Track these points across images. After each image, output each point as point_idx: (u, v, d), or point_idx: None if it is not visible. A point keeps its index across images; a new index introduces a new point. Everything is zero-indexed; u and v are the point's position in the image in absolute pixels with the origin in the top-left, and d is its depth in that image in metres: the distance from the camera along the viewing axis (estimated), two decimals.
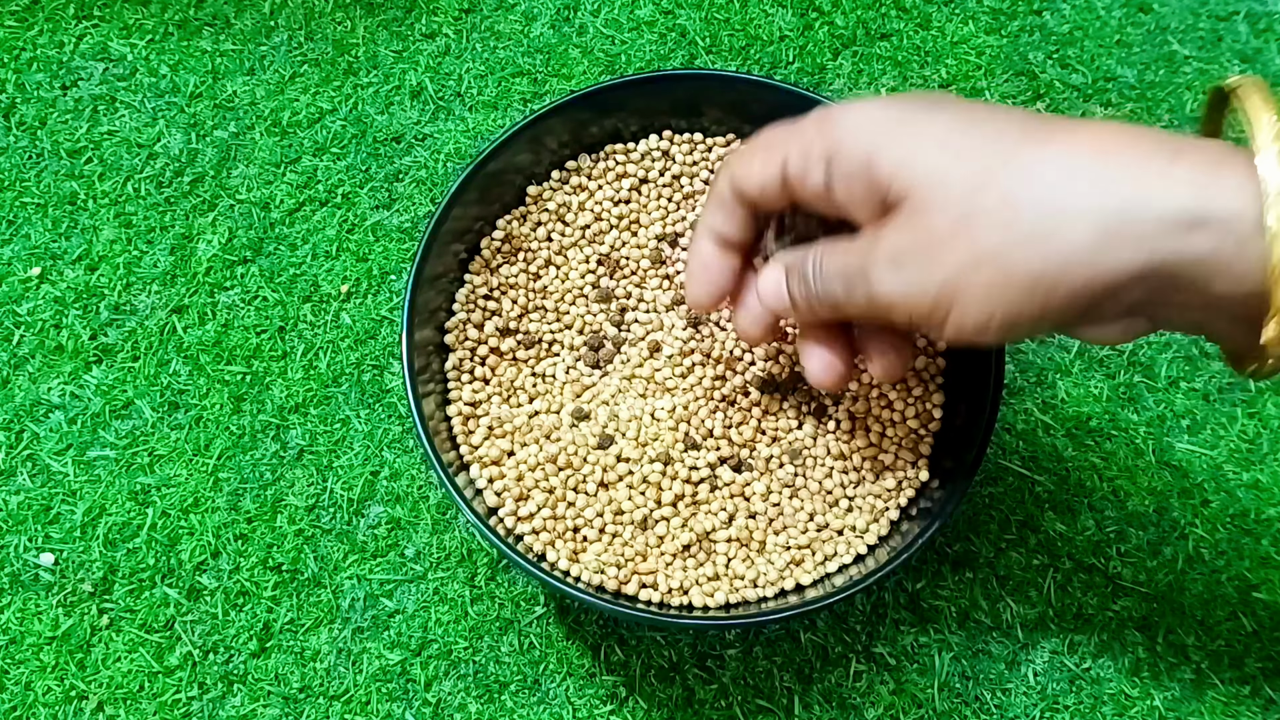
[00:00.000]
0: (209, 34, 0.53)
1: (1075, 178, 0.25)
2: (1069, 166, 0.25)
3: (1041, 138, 0.26)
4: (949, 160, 0.27)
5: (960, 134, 0.27)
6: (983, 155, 0.26)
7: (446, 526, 0.45)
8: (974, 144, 0.27)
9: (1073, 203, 0.25)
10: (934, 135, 0.27)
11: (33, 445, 0.46)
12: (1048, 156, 0.26)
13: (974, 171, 0.26)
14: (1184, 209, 0.24)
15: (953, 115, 0.28)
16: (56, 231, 0.49)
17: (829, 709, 0.42)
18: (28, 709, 0.42)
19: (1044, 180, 0.25)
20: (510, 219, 0.44)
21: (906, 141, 0.28)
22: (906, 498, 0.41)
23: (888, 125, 0.28)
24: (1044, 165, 0.26)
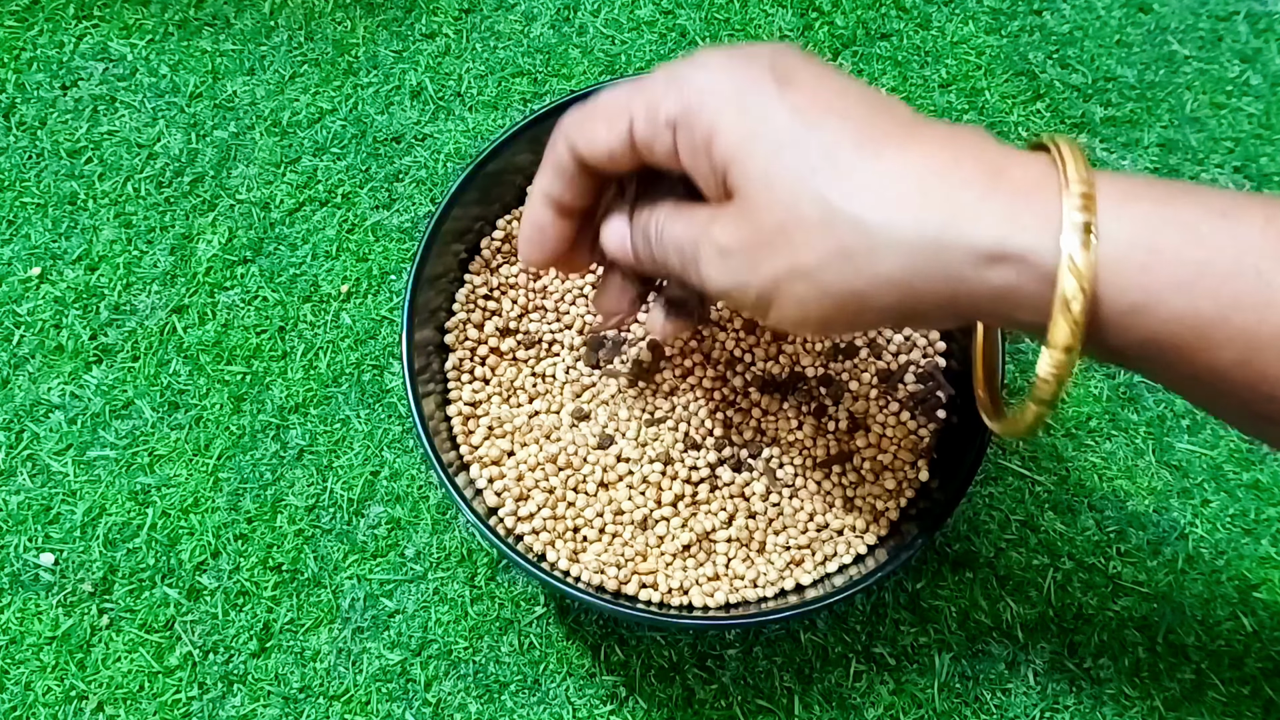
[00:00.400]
0: (209, 34, 0.53)
1: (893, 202, 0.25)
2: (890, 189, 0.25)
3: (873, 150, 0.26)
4: (779, 163, 0.26)
5: (798, 130, 0.27)
6: (813, 161, 0.26)
7: (446, 526, 0.45)
8: (808, 146, 0.26)
9: (887, 230, 0.25)
10: (772, 128, 0.27)
11: (33, 445, 0.46)
12: (874, 172, 0.26)
13: (801, 177, 0.26)
14: (989, 242, 0.24)
15: (794, 105, 0.27)
16: (56, 231, 0.49)
17: (829, 709, 0.42)
18: (28, 709, 0.42)
19: (863, 201, 0.25)
20: (510, 219, 0.44)
21: (744, 129, 0.27)
22: (906, 498, 0.41)
23: (731, 102, 0.27)
24: (867, 182, 0.26)
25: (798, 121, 0.27)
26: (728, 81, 0.28)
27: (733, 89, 0.27)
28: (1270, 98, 0.52)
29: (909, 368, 0.42)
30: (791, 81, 0.27)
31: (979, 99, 0.53)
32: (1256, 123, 0.52)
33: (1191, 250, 0.24)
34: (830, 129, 0.26)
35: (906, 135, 0.26)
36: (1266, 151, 0.51)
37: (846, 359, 0.43)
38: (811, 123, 0.27)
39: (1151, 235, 0.24)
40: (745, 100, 0.27)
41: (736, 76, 0.28)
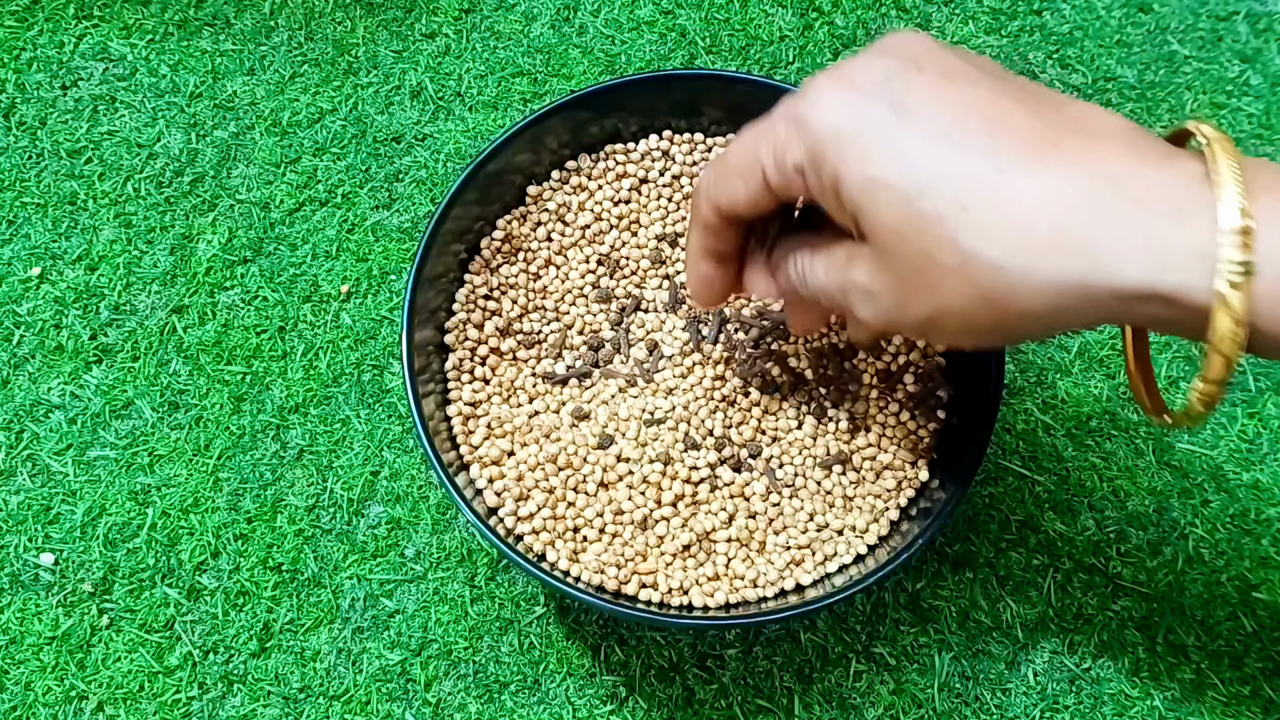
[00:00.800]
0: (209, 34, 0.53)
1: (1029, 247, 0.25)
2: (1024, 233, 0.25)
3: (1001, 186, 0.25)
4: (907, 212, 0.26)
5: (920, 175, 0.26)
6: (940, 208, 0.25)
7: (446, 526, 0.45)
8: (933, 191, 0.25)
9: (1025, 275, 0.25)
10: (895, 175, 0.26)
11: (33, 445, 0.46)
12: (1005, 215, 0.25)
13: (930, 224, 0.25)
14: (1135, 283, 0.24)
15: (914, 145, 0.26)
16: (56, 231, 0.49)
17: (829, 709, 0.42)
18: (28, 709, 0.42)
19: (998, 246, 0.25)
20: (510, 219, 0.44)
21: (866, 176, 0.26)
22: (906, 498, 0.41)
23: (851, 146, 0.27)
24: (999, 224, 0.25)
25: (919, 165, 0.26)
26: (846, 122, 0.27)
27: (851, 130, 0.27)
28: (1270, 98, 0.52)
29: (909, 368, 0.42)
30: (909, 112, 0.26)
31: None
32: (1256, 123, 0.52)
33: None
34: (953, 168, 0.26)
35: (1035, 159, 0.25)
36: (1266, 151, 0.51)
37: (846, 359, 0.43)
38: (933, 165, 0.26)
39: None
40: (865, 144, 0.27)
41: (853, 115, 0.27)
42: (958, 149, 0.26)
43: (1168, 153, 0.25)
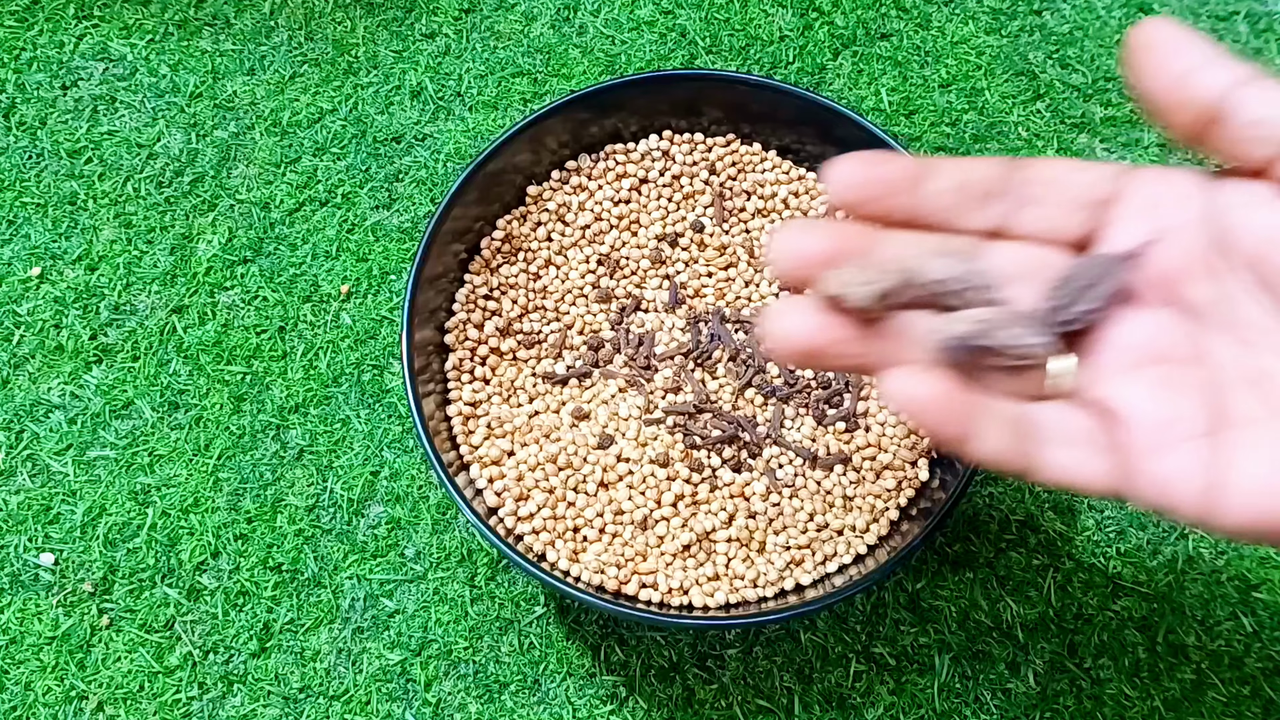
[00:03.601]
0: (209, 34, 0.53)
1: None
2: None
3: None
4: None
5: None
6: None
7: (446, 526, 0.45)
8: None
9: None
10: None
11: (33, 445, 0.46)
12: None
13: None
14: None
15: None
16: (56, 231, 0.49)
17: (829, 709, 0.42)
18: (28, 709, 0.42)
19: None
20: (510, 219, 0.44)
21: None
22: (906, 498, 0.41)
23: None
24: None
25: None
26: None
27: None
28: None
29: None
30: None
31: (979, 99, 0.53)
32: None
33: None
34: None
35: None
36: None
37: None
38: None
39: None
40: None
41: None
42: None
43: None
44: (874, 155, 0.26)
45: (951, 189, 0.26)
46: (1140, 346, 0.25)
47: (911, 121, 0.52)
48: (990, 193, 0.26)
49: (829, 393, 0.42)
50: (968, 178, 0.26)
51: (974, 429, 0.24)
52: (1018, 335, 0.24)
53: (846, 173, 0.26)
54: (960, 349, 0.24)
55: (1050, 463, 0.25)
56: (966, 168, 0.26)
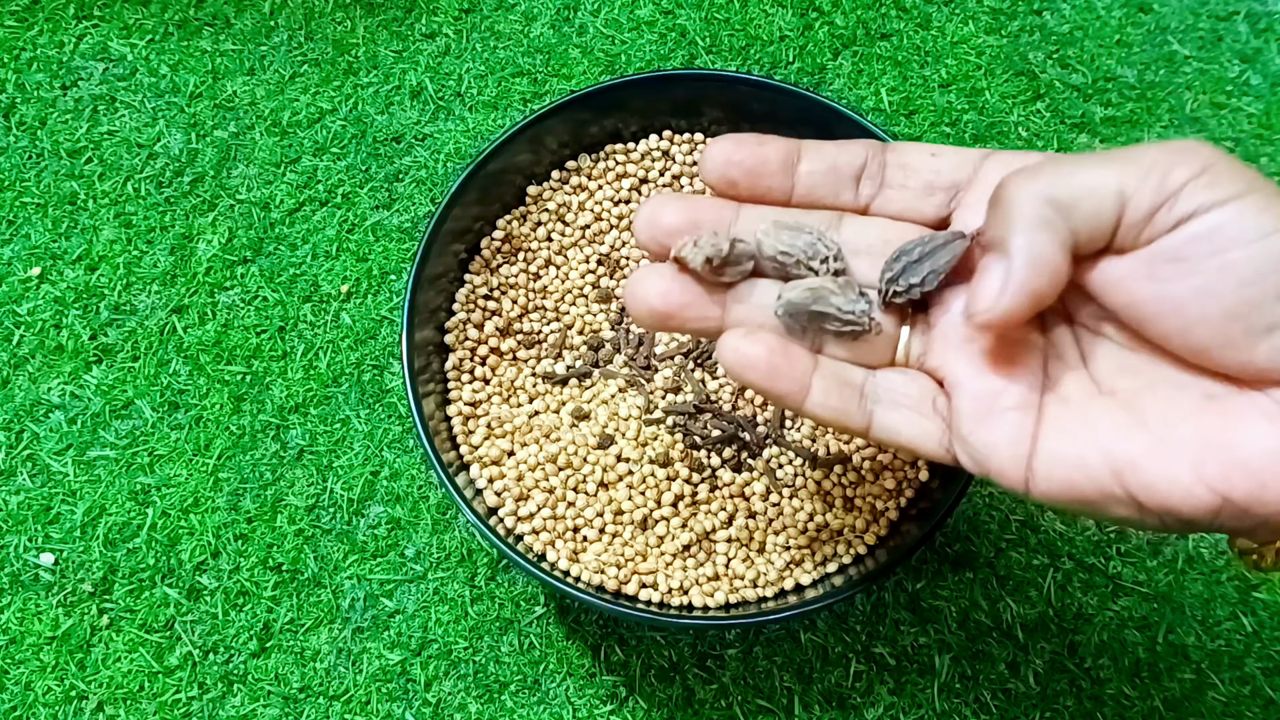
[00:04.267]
0: (209, 34, 0.53)
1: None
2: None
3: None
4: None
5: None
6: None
7: (446, 526, 0.45)
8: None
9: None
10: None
11: (33, 445, 0.46)
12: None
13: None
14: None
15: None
16: (56, 231, 0.49)
17: (829, 709, 0.42)
18: (28, 709, 0.42)
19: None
20: (510, 219, 0.44)
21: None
22: (906, 498, 0.41)
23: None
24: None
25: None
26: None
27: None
28: (1270, 98, 0.52)
29: None
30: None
31: (979, 99, 0.53)
32: (1256, 123, 0.52)
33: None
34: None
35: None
36: (1266, 151, 0.51)
37: None
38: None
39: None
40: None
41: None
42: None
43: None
44: (749, 137, 0.28)
45: (823, 170, 0.28)
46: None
47: (911, 121, 0.52)
48: (859, 176, 0.28)
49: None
50: (838, 160, 0.28)
51: (802, 386, 0.26)
52: (845, 303, 0.26)
53: (722, 152, 0.28)
54: (795, 314, 0.26)
55: (884, 423, 0.27)
56: (838, 151, 0.28)
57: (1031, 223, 0.24)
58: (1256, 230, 0.22)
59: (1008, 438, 0.26)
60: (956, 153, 0.27)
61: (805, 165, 0.28)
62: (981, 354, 0.27)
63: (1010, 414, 0.26)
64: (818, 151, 0.28)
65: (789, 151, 0.28)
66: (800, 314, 0.27)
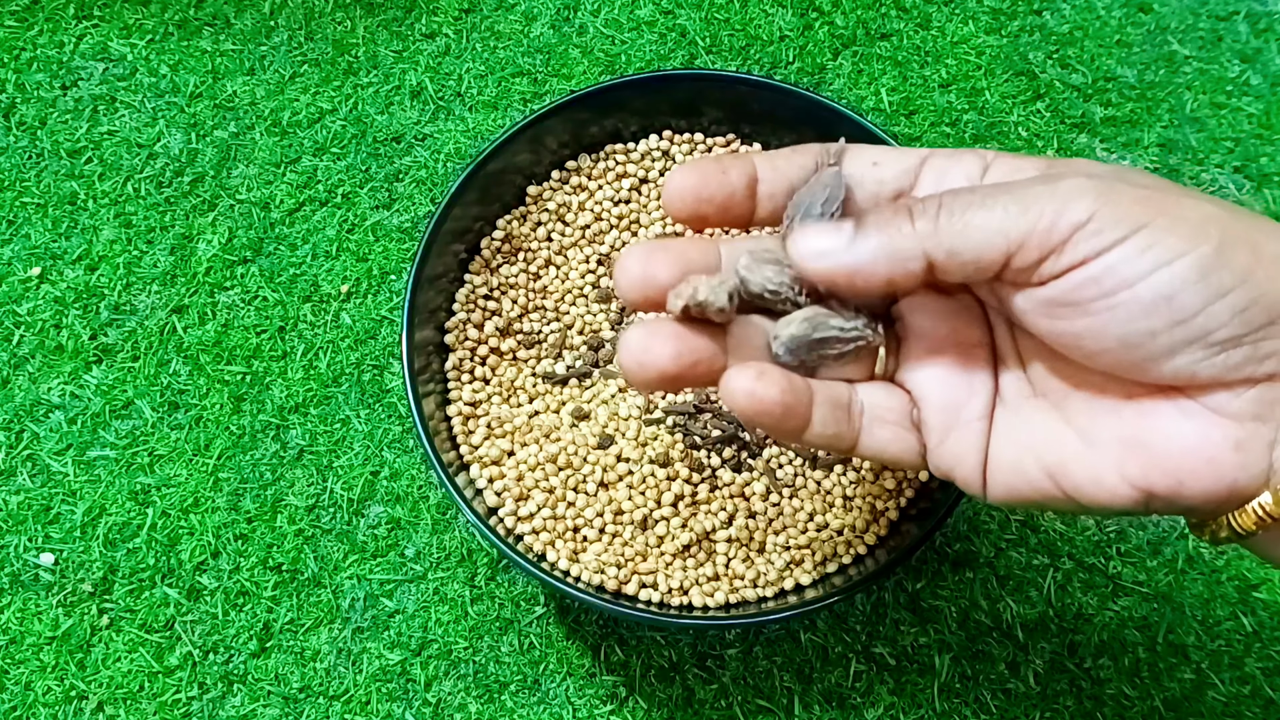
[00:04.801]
0: (209, 34, 0.53)
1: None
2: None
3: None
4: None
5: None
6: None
7: (446, 526, 0.45)
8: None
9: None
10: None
11: (33, 445, 0.46)
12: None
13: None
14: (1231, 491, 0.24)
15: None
16: (56, 231, 0.49)
17: (829, 709, 0.42)
18: (28, 709, 0.42)
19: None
20: (510, 219, 0.44)
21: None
22: (906, 498, 0.41)
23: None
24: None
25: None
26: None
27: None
28: (1270, 98, 0.52)
29: None
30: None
31: (979, 99, 0.53)
32: (1256, 123, 0.52)
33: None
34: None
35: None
36: (1266, 151, 0.51)
37: None
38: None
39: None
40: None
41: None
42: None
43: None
44: (711, 166, 0.27)
45: (782, 191, 0.28)
46: (939, 335, 0.28)
47: (911, 121, 0.52)
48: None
49: None
50: (792, 177, 0.28)
51: (806, 419, 0.27)
52: (844, 323, 0.26)
53: (691, 188, 0.28)
54: (796, 349, 0.26)
55: (870, 441, 0.28)
56: (789, 165, 0.28)
57: (890, 253, 0.25)
58: (1139, 271, 0.23)
59: (969, 448, 0.27)
60: (898, 159, 0.27)
61: (764, 188, 0.28)
62: (943, 368, 0.27)
63: (973, 424, 0.27)
64: (772, 170, 0.28)
65: (750, 174, 0.28)
66: (801, 347, 0.26)
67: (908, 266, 0.25)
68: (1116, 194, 0.23)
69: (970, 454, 0.27)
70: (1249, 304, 0.22)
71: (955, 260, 0.24)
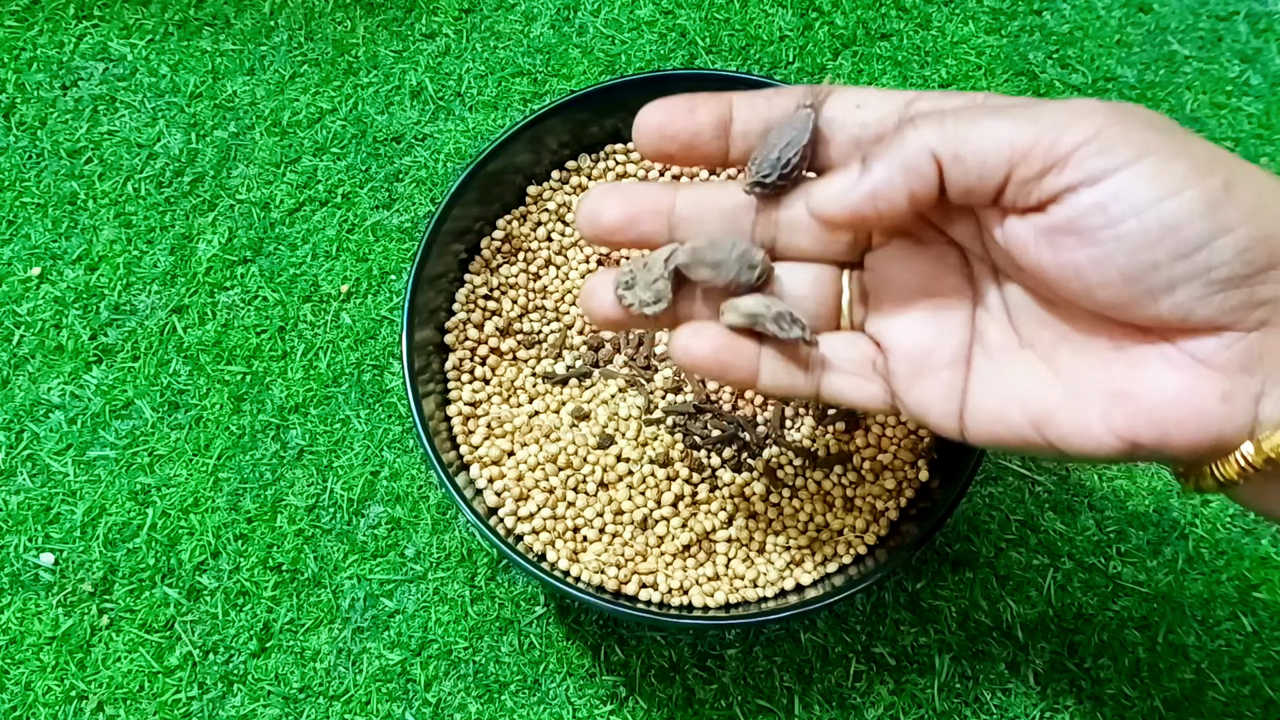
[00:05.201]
0: (209, 34, 0.53)
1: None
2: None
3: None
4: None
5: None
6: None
7: (446, 526, 0.45)
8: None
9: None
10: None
11: (33, 445, 0.46)
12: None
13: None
14: (1215, 440, 0.24)
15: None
16: (56, 231, 0.49)
17: (829, 709, 0.42)
18: (28, 709, 0.42)
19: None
20: (510, 219, 0.44)
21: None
22: (906, 498, 0.41)
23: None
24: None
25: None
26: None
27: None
28: (1270, 98, 0.52)
29: None
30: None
31: None
32: (1256, 123, 0.52)
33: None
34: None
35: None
36: (1267, 151, 0.51)
37: None
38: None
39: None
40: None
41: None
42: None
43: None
44: (680, 102, 0.29)
45: (757, 131, 0.28)
46: (909, 285, 0.28)
47: None
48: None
49: None
50: (770, 118, 0.28)
51: (750, 372, 0.28)
52: (779, 331, 0.28)
53: (655, 124, 0.29)
54: (751, 322, 0.29)
55: (830, 388, 0.29)
56: (769, 106, 0.28)
57: (902, 163, 0.25)
58: (1147, 199, 0.23)
59: (940, 394, 0.27)
60: (882, 101, 0.27)
61: (738, 126, 0.28)
62: (911, 317, 0.28)
63: (941, 372, 0.27)
64: (750, 110, 0.28)
65: (721, 114, 0.28)
66: (754, 322, 0.28)
67: (921, 170, 0.25)
68: (1128, 118, 0.23)
69: (940, 400, 0.27)
70: (1252, 243, 0.22)
71: (959, 166, 0.24)
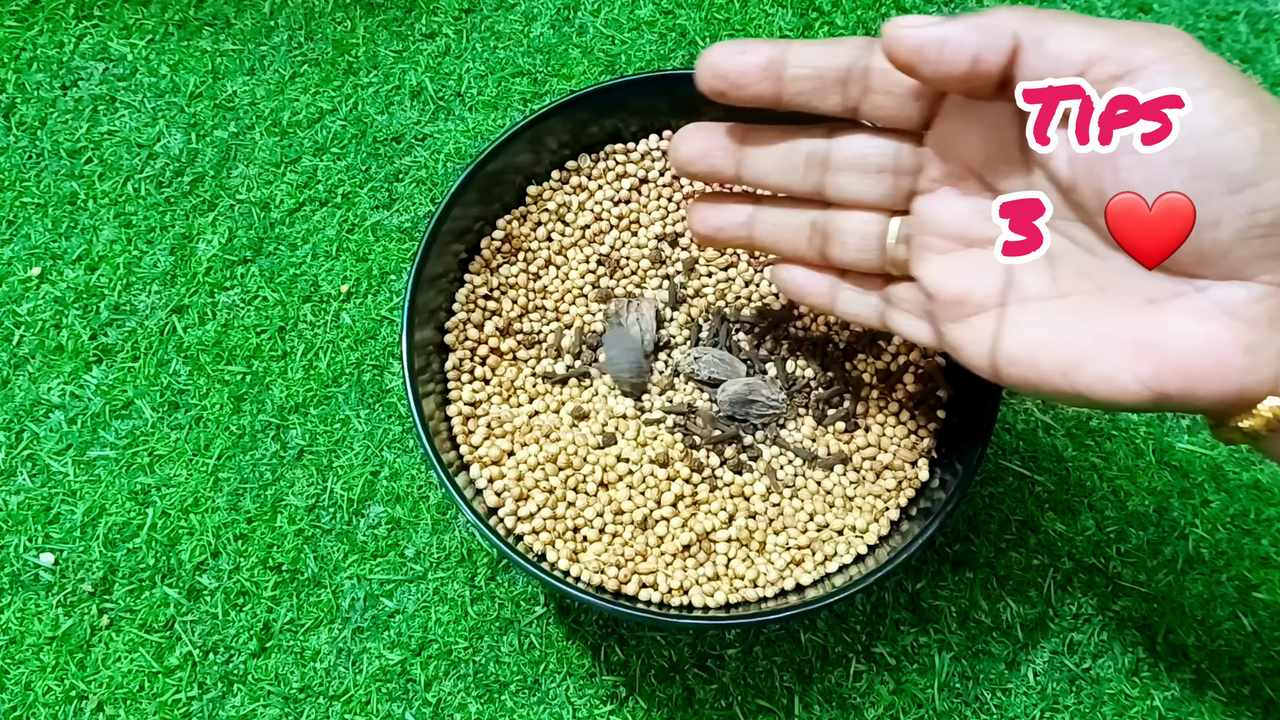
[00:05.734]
0: (209, 34, 0.53)
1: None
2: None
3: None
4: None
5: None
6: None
7: (446, 526, 0.45)
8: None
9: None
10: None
11: (33, 445, 0.46)
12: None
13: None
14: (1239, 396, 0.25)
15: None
16: (56, 231, 0.49)
17: (829, 709, 0.42)
18: (28, 709, 0.42)
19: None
20: (510, 219, 0.44)
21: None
22: (906, 498, 0.41)
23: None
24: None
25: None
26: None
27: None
28: None
29: (909, 368, 0.42)
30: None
31: None
32: None
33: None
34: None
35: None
36: None
37: (846, 360, 0.43)
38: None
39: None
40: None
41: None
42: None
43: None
44: (732, 45, 0.30)
45: (808, 76, 0.30)
46: (951, 231, 0.30)
47: None
48: (845, 79, 0.30)
49: (829, 393, 0.42)
50: (822, 65, 0.30)
51: (835, 300, 0.35)
52: (770, 396, 0.37)
53: (710, 64, 0.31)
54: (737, 402, 0.39)
55: (894, 323, 0.33)
56: (823, 54, 0.30)
57: (982, 26, 0.26)
58: (1209, 127, 0.24)
59: (973, 337, 0.29)
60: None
61: (790, 71, 0.30)
62: (950, 263, 0.30)
63: (975, 318, 0.29)
64: (804, 55, 0.30)
65: (773, 58, 0.30)
66: (738, 403, 0.39)
67: (998, 44, 0.26)
68: (1205, 53, 0.25)
69: (974, 343, 0.29)
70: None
71: (1038, 51, 0.25)
